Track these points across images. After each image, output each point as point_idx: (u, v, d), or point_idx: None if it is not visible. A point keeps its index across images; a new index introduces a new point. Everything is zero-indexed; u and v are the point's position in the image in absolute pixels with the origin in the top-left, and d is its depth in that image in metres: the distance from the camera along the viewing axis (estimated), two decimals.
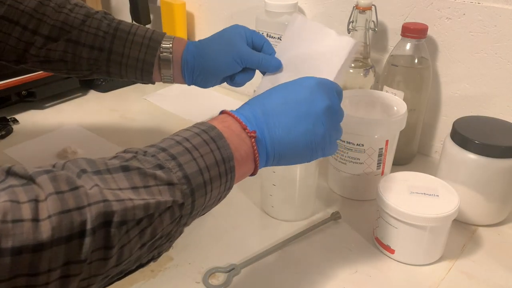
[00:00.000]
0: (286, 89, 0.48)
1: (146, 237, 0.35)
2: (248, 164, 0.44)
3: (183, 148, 0.39)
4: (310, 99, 0.46)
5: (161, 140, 0.40)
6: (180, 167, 0.37)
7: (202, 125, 0.42)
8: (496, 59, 0.71)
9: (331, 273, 0.57)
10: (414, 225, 0.56)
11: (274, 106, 0.46)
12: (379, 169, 0.68)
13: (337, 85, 0.51)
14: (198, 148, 0.39)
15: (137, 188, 0.34)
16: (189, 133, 0.41)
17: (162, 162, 0.37)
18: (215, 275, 0.56)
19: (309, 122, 0.46)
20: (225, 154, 0.41)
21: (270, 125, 0.45)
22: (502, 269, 0.58)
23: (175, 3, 1.05)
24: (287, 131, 0.45)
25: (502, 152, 0.60)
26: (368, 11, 0.75)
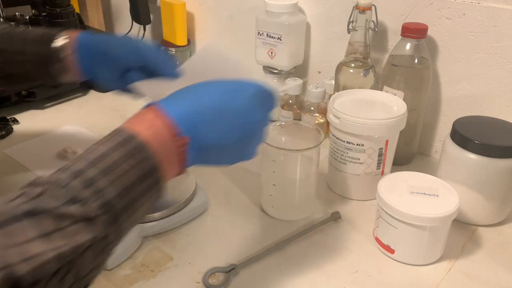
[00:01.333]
0: (225, 94, 0.45)
1: (69, 281, 0.32)
2: (174, 169, 0.41)
3: (100, 168, 0.35)
4: (246, 109, 0.45)
5: (77, 157, 0.36)
6: (99, 194, 0.34)
7: (121, 134, 0.38)
8: (496, 59, 0.71)
9: (331, 273, 0.57)
10: (414, 225, 0.56)
11: (211, 109, 0.43)
12: (379, 169, 0.68)
13: (273, 93, 0.49)
14: (119, 165, 0.35)
15: (48, 234, 0.30)
16: (107, 146, 0.36)
17: (76, 193, 0.33)
18: (215, 275, 0.56)
19: (241, 132, 0.45)
20: (151, 166, 0.37)
21: (203, 130, 0.42)
22: (502, 269, 0.58)
23: (175, 3, 1.05)
24: (219, 139, 0.43)
25: (502, 152, 0.60)
26: (368, 11, 0.75)
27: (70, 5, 1.01)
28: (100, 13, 1.22)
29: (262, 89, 0.47)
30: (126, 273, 0.57)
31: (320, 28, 0.90)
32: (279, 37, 0.87)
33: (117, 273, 0.56)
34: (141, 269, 0.57)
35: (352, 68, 0.78)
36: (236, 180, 0.75)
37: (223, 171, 0.77)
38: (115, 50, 0.60)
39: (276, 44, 0.88)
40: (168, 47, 1.10)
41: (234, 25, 1.03)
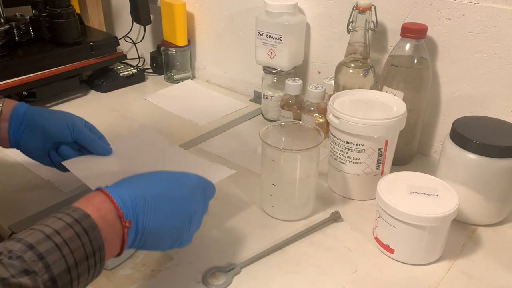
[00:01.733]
0: (169, 185, 0.50)
1: None
2: (115, 249, 0.44)
3: (52, 244, 0.37)
4: (187, 199, 0.50)
5: (29, 230, 0.38)
6: (47, 268, 0.36)
7: (75, 212, 0.41)
8: (495, 59, 0.71)
9: (331, 273, 0.57)
10: (413, 225, 0.56)
11: (153, 197, 0.47)
12: (378, 169, 0.69)
13: (212, 185, 0.55)
14: (69, 243, 0.38)
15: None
16: (61, 223, 0.39)
17: (28, 265, 0.35)
18: (215, 275, 0.56)
19: (180, 220, 0.49)
20: (96, 246, 0.40)
21: (145, 216, 0.46)
22: (501, 269, 0.59)
23: (175, 3, 1.05)
24: (159, 225, 0.47)
25: (502, 152, 0.60)
26: (367, 12, 0.75)
27: (71, 6, 1.01)
28: (101, 13, 1.22)
29: (202, 180, 0.53)
30: (127, 272, 0.57)
31: (320, 29, 0.90)
32: (279, 38, 0.87)
33: (118, 273, 0.57)
34: (141, 268, 0.57)
35: (351, 68, 0.78)
36: (236, 180, 0.75)
37: None
38: (48, 122, 0.63)
39: (276, 45, 0.88)
40: (168, 47, 1.10)
41: (234, 25, 1.03)
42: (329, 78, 0.86)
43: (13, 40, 0.98)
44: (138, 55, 1.22)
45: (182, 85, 1.12)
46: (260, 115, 0.98)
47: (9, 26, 0.97)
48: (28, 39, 1.01)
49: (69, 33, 1.02)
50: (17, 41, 0.99)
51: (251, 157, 0.81)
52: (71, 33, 1.02)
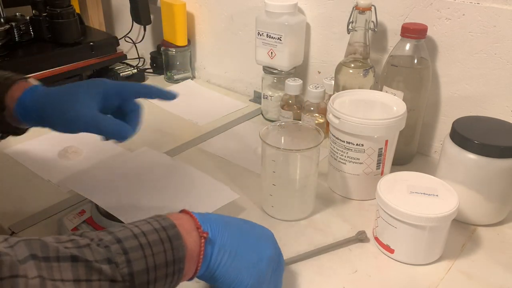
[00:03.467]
0: (247, 222, 0.51)
1: None
2: (191, 265, 0.44)
3: (137, 243, 0.39)
4: (264, 241, 0.49)
5: (121, 227, 0.41)
6: (129, 263, 0.38)
7: (163, 220, 0.43)
8: (495, 59, 0.71)
9: (331, 273, 0.57)
10: (413, 225, 0.56)
11: (232, 224, 0.48)
12: (378, 169, 0.69)
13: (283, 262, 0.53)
14: (152, 246, 0.40)
15: (79, 281, 0.35)
16: (148, 227, 0.41)
17: (112, 256, 0.37)
18: None
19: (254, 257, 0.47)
20: (177, 256, 0.41)
21: (222, 234, 0.46)
22: (501, 269, 0.59)
23: (175, 4, 1.05)
24: (234, 251, 0.46)
25: (502, 152, 0.60)
26: (367, 12, 0.75)
27: (71, 6, 1.01)
28: (101, 13, 1.22)
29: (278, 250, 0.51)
30: None
31: (320, 29, 0.90)
32: (279, 38, 0.87)
33: None
34: None
35: (351, 68, 0.78)
36: (236, 180, 0.75)
37: (223, 171, 0.78)
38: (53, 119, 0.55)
39: (276, 45, 0.88)
40: (168, 47, 1.10)
41: (234, 25, 1.03)
42: (329, 78, 0.86)
43: (13, 40, 0.98)
44: (138, 55, 1.22)
45: (182, 85, 1.12)
46: (260, 115, 0.98)
47: (9, 26, 0.97)
48: (28, 39, 1.01)
49: (69, 33, 1.02)
50: (17, 41, 0.99)
51: (251, 157, 0.81)
52: (71, 33, 1.02)
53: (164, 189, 0.66)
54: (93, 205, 0.62)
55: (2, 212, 0.67)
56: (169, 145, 0.84)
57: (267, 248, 0.49)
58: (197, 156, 0.83)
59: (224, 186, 0.68)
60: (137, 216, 0.60)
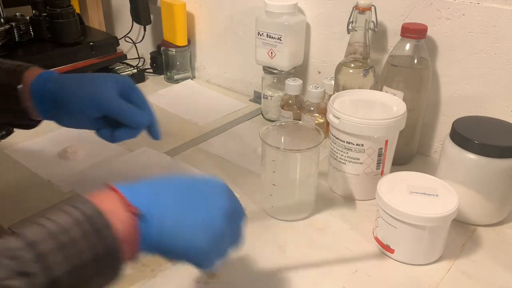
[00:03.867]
0: (190, 178, 0.45)
1: None
2: (127, 248, 0.38)
3: (55, 244, 0.33)
4: (213, 194, 0.43)
5: (33, 224, 0.34)
6: (47, 270, 0.32)
7: (85, 207, 0.36)
8: (495, 59, 0.71)
9: (331, 273, 0.57)
10: (413, 225, 0.56)
11: (170, 187, 0.42)
12: (378, 169, 0.69)
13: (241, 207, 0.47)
14: (76, 243, 0.34)
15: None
16: (67, 219, 0.35)
17: (26, 267, 0.31)
18: (215, 275, 0.56)
19: (205, 216, 0.41)
20: (110, 247, 0.35)
21: (159, 204, 0.40)
22: (501, 269, 0.59)
23: (175, 4, 1.05)
24: (179, 217, 0.40)
25: (502, 152, 0.60)
26: (367, 12, 0.75)
27: (71, 6, 1.01)
28: (101, 13, 1.22)
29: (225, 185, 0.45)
30: (127, 273, 0.56)
31: (320, 29, 0.90)
32: (279, 38, 0.87)
33: None
34: (141, 268, 0.57)
35: (351, 68, 0.78)
36: (236, 180, 0.75)
37: (223, 171, 0.78)
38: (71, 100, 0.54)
39: (276, 45, 0.88)
40: (168, 47, 1.10)
41: (234, 25, 1.03)
42: (329, 78, 0.86)
43: (13, 40, 0.98)
44: (138, 55, 1.22)
45: (182, 85, 1.12)
46: (260, 115, 0.98)
47: (9, 26, 0.97)
48: (28, 39, 1.01)
49: (69, 33, 1.02)
50: (17, 41, 0.99)
51: (251, 157, 0.81)
52: (71, 33, 1.02)
53: None
54: None
55: (2, 212, 0.67)
56: (169, 145, 0.84)
57: (219, 202, 0.42)
58: (197, 156, 0.83)
59: None
60: None
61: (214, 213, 0.42)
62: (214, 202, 0.42)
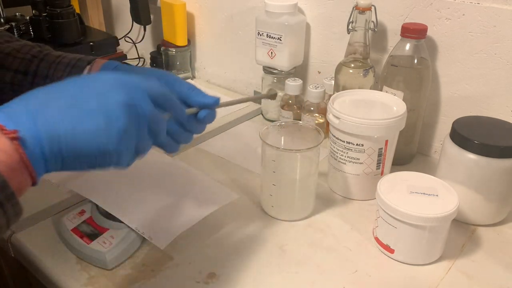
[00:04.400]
0: (74, 82, 0.39)
1: None
2: (21, 177, 0.35)
3: None
4: (102, 93, 0.38)
5: None
6: None
7: None
8: (495, 59, 0.71)
9: (331, 273, 0.57)
10: (413, 225, 0.56)
11: (52, 98, 0.37)
12: (378, 169, 0.69)
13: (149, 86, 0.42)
14: None
15: None
16: None
17: None
18: (215, 274, 0.56)
19: (100, 118, 0.37)
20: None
21: (45, 119, 0.36)
22: (501, 269, 0.59)
23: (175, 4, 1.05)
24: (71, 128, 0.36)
25: (502, 152, 0.60)
26: (367, 12, 0.75)
27: (71, 6, 1.01)
28: (101, 13, 1.22)
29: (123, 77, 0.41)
30: (127, 272, 0.57)
31: (320, 29, 0.90)
32: (279, 37, 0.87)
33: (118, 273, 0.57)
34: (141, 268, 0.57)
35: (351, 68, 0.78)
36: (236, 180, 0.75)
37: (223, 171, 0.78)
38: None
39: (276, 45, 0.88)
40: (168, 47, 1.10)
41: (234, 25, 1.03)
42: (329, 78, 0.86)
43: None
44: (138, 55, 1.22)
45: None
46: (260, 115, 0.98)
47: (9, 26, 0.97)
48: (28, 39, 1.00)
49: (69, 33, 1.02)
50: None
51: (251, 157, 0.81)
52: (71, 33, 1.02)
53: (164, 189, 0.66)
54: (93, 205, 0.62)
55: None
56: None
57: (114, 97, 0.38)
58: (197, 156, 0.83)
59: (223, 186, 0.68)
60: (137, 215, 0.61)
61: (112, 112, 0.38)
62: (111, 100, 0.38)
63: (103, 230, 0.60)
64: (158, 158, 0.73)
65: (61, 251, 0.60)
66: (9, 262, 0.75)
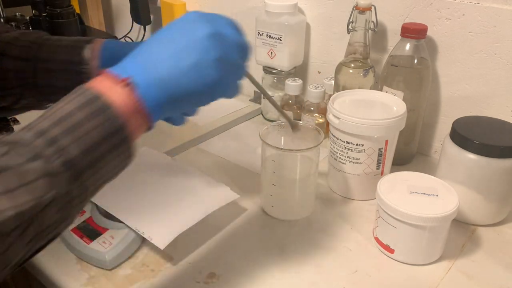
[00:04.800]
0: (164, 30, 0.43)
1: (30, 234, 0.34)
2: (136, 119, 0.39)
3: (63, 128, 0.35)
4: (187, 29, 0.42)
5: (41, 116, 0.37)
6: (61, 152, 0.35)
7: (86, 94, 0.38)
8: (495, 59, 0.71)
9: (331, 273, 0.57)
10: (413, 225, 0.56)
11: (149, 47, 0.42)
12: (378, 169, 0.69)
13: (228, 18, 0.46)
14: (83, 125, 0.36)
15: (11, 191, 0.32)
16: (72, 105, 0.37)
17: (39, 151, 0.34)
18: (215, 274, 0.56)
19: (193, 52, 0.41)
20: (115, 125, 0.37)
21: (150, 65, 0.40)
22: (501, 269, 0.59)
23: (175, 4, 1.05)
24: (171, 68, 0.40)
25: (502, 152, 0.60)
26: (367, 12, 0.75)
27: (71, 5, 1.01)
28: (101, 13, 1.22)
29: (204, 13, 0.44)
30: (127, 273, 0.57)
31: (320, 29, 0.90)
32: (279, 38, 0.87)
33: (118, 273, 0.57)
34: (141, 269, 0.57)
35: (351, 68, 0.78)
36: (236, 180, 0.75)
37: (223, 171, 0.78)
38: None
39: (276, 45, 0.88)
40: None
41: None
42: (329, 78, 0.86)
43: None
44: None
45: None
46: (260, 115, 0.98)
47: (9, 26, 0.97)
48: None
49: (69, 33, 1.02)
50: None
51: (251, 157, 0.81)
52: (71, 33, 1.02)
53: (164, 189, 0.66)
54: (93, 205, 0.62)
55: None
56: (169, 145, 0.84)
57: (198, 30, 0.42)
58: (197, 156, 0.83)
59: (224, 186, 0.68)
60: (137, 216, 0.61)
61: (200, 41, 0.41)
62: (195, 32, 0.42)
63: (103, 230, 0.60)
64: (158, 159, 0.73)
65: (61, 251, 0.60)
66: None
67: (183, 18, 0.44)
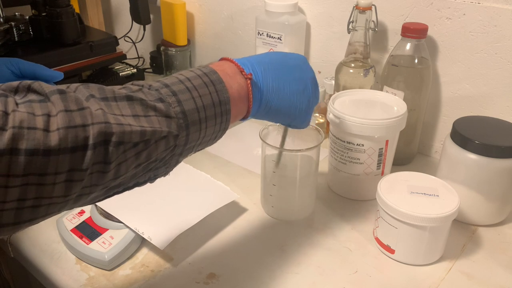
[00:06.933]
0: (281, 54, 0.54)
1: (142, 158, 0.39)
2: (242, 105, 0.48)
3: (184, 86, 0.42)
4: (302, 67, 0.54)
5: (166, 77, 0.44)
6: (179, 103, 0.41)
7: (204, 68, 0.46)
8: (496, 59, 0.71)
9: (331, 273, 0.57)
10: (414, 225, 0.56)
11: (270, 61, 0.51)
12: (379, 169, 0.68)
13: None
14: (198, 89, 0.43)
15: (138, 116, 0.38)
16: (192, 74, 0.44)
17: (163, 97, 0.40)
18: (215, 275, 0.56)
19: (300, 84, 0.52)
20: (222, 98, 0.45)
21: (265, 73, 0.50)
22: (502, 269, 0.58)
23: (175, 3, 1.05)
24: (281, 85, 0.50)
25: (502, 152, 0.60)
26: (368, 11, 0.75)
27: (70, 5, 1.01)
28: (100, 13, 1.22)
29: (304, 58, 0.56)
30: (126, 273, 0.57)
31: (320, 28, 0.90)
32: (279, 37, 0.87)
33: (117, 273, 0.56)
34: (141, 269, 0.57)
35: (352, 68, 0.78)
36: (236, 180, 0.75)
37: (223, 171, 0.77)
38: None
39: (276, 44, 0.88)
40: (168, 47, 1.10)
41: (234, 25, 1.03)
42: (329, 78, 0.86)
43: (13, 39, 0.98)
44: (137, 55, 1.22)
45: None
46: None
47: (8, 26, 0.97)
48: (27, 39, 1.01)
49: (68, 33, 1.01)
50: (16, 40, 0.99)
51: (251, 157, 0.81)
52: (70, 33, 1.02)
53: (164, 189, 0.66)
54: (93, 205, 0.62)
55: None
56: None
57: (307, 72, 0.54)
58: (197, 156, 0.82)
59: (224, 186, 0.67)
60: (137, 216, 0.60)
61: (307, 81, 0.53)
62: (306, 72, 0.54)
63: (103, 230, 0.59)
64: None
65: (61, 251, 0.60)
66: (9, 262, 0.75)
67: (298, 56, 0.55)
